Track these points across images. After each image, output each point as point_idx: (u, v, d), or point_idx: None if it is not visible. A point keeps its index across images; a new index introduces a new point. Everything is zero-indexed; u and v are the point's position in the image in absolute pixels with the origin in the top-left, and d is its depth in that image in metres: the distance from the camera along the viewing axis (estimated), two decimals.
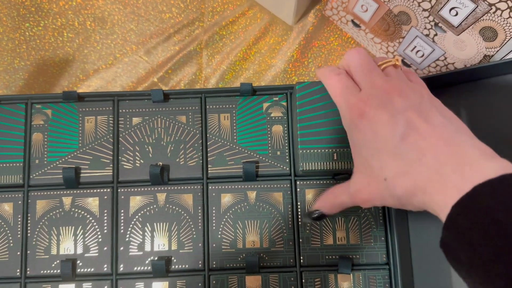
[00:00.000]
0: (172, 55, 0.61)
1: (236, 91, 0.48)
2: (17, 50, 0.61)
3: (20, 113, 0.47)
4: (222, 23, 0.62)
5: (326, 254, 0.45)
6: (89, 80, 0.60)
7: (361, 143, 0.35)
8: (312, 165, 0.42)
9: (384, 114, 0.32)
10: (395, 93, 0.33)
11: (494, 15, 0.43)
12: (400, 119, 0.32)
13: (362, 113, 0.34)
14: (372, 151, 0.33)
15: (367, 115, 0.33)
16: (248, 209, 0.46)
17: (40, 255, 0.45)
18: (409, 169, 0.31)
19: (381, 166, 0.33)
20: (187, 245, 0.45)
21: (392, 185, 0.32)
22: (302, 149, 0.42)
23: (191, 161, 0.47)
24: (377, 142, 0.33)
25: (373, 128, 0.33)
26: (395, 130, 0.32)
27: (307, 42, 0.61)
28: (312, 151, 0.42)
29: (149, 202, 0.46)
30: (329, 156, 0.42)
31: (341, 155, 0.42)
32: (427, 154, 0.30)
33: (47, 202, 0.46)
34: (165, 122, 0.47)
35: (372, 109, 0.33)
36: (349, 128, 0.36)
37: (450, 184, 0.29)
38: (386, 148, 0.32)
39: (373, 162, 0.34)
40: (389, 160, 0.32)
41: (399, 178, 0.31)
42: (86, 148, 0.47)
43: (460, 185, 0.28)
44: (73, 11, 0.62)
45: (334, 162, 0.42)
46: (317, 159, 0.42)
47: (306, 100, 0.43)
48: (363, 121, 0.33)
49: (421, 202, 0.31)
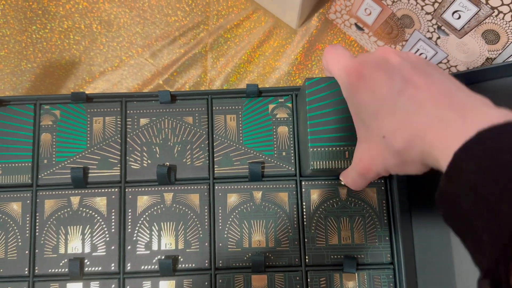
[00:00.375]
0: (177, 58, 0.62)
1: (242, 93, 0.49)
2: (24, 53, 0.62)
3: (29, 114, 0.48)
4: (227, 26, 0.62)
5: (331, 254, 0.46)
6: (95, 82, 0.61)
7: (360, 107, 0.34)
8: (323, 164, 0.41)
9: (381, 73, 0.32)
10: (391, 53, 0.33)
11: (497, 18, 0.44)
12: (397, 76, 0.32)
13: (359, 75, 0.33)
14: (371, 112, 0.33)
15: (364, 76, 0.33)
16: (254, 209, 0.46)
17: (48, 254, 0.46)
18: (407, 121, 0.30)
19: (380, 125, 0.32)
20: (193, 244, 0.46)
21: (391, 140, 0.31)
22: (312, 147, 0.41)
23: (198, 161, 0.47)
24: (375, 102, 0.32)
25: (371, 88, 0.33)
26: (392, 87, 0.31)
27: (311, 45, 0.62)
28: (323, 149, 0.41)
29: (156, 201, 0.46)
30: (340, 154, 0.41)
31: (352, 153, 0.40)
32: (426, 104, 0.30)
33: (55, 201, 0.46)
34: (172, 123, 0.48)
35: (370, 70, 0.33)
36: (348, 94, 0.35)
37: (452, 129, 0.28)
38: (384, 107, 0.32)
39: (372, 124, 0.33)
40: (387, 117, 0.31)
41: (397, 132, 0.31)
42: (94, 148, 0.47)
43: (463, 130, 0.27)
44: (79, 14, 0.63)
45: (345, 161, 0.41)
46: (328, 157, 0.41)
47: (316, 97, 0.41)
48: (361, 82, 0.33)
49: (421, 152, 0.30)
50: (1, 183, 0.46)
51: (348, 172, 0.39)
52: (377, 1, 0.52)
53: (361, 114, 0.34)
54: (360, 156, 0.36)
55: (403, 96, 0.31)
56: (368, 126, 0.34)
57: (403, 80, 0.31)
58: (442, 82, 0.31)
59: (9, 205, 0.46)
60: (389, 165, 0.33)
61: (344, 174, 0.40)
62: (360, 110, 0.34)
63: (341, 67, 0.36)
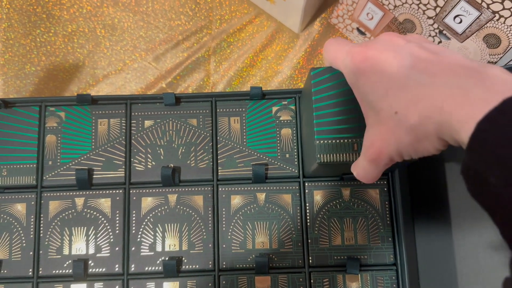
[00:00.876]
0: (180, 62, 0.62)
1: (246, 95, 0.49)
2: (28, 56, 0.62)
3: (34, 116, 0.48)
4: (229, 31, 0.63)
5: (335, 255, 0.46)
6: (98, 86, 0.61)
7: (368, 89, 0.32)
8: (330, 157, 0.38)
9: (388, 52, 0.31)
10: (394, 35, 0.32)
11: (498, 22, 0.44)
12: (405, 52, 0.30)
13: (365, 57, 0.32)
14: (380, 93, 0.31)
15: (371, 57, 0.31)
16: (257, 210, 0.47)
17: (52, 255, 0.46)
18: (421, 93, 0.28)
19: (390, 103, 0.30)
20: (197, 245, 0.46)
21: (404, 115, 0.29)
22: (319, 139, 0.38)
23: (202, 163, 0.48)
24: (384, 80, 0.30)
25: (379, 67, 0.31)
26: (401, 63, 0.30)
27: (313, 50, 0.62)
28: (330, 141, 0.38)
29: (160, 203, 0.47)
30: (348, 146, 0.38)
31: (361, 145, 0.37)
32: (441, 75, 0.28)
33: (59, 202, 0.47)
34: (177, 125, 0.48)
35: (375, 51, 0.31)
36: (354, 79, 0.33)
37: (474, 97, 0.25)
38: (394, 84, 0.30)
39: (382, 104, 0.31)
40: (398, 93, 0.30)
41: (411, 106, 0.29)
42: (99, 150, 0.47)
43: (486, 98, 0.24)
44: (83, 18, 0.63)
45: (354, 153, 0.38)
46: (336, 150, 0.38)
47: (323, 87, 0.39)
48: (367, 64, 0.32)
49: (438, 124, 0.27)
50: (6, 184, 0.46)
51: (359, 162, 0.36)
52: (379, 5, 0.52)
53: (368, 97, 0.32)
54: (371, 141, 0.33)
55: (414, 70, 0.29)
56: (377, 108, 0.32)
57: (412, 56, 0.30)
58: (453, 55, 0.29)
59: (13, 206, 0.46)
60: (403, 144, 0.31)
61: (354, 165, 0.38)
62: (367, 93, 0.32)
63: (344, 53, 0.34)
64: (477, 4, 0.44)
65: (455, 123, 0.26)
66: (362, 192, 0.47)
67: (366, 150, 0.34)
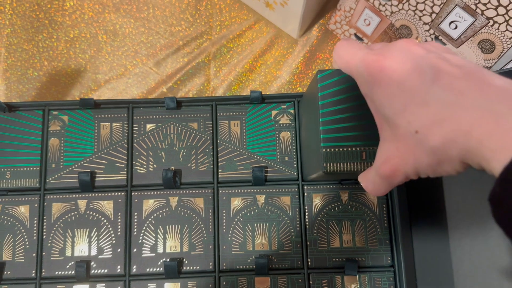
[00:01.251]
0: (181, 67, 0.63)
1: (245, 99, 0.50)
2: (31, 61, 0.63)
3: (38, 119, 0.49)
4: (229, 36, 0.64)
5: (333, 257, 0.47)
6: (100, 91, 0.62)
7: (384, 102, 0.30)
8: (337, 166, 0.36)
9: (407, 62, 0.28)
10: (411, 44, 0.30)
11: (492, 28, 0.45)
12: (425, 64, 0.28)
13: (381, 67, 0.29)
14: (397, 107, 0.29)
15: (388, 68, 0.29)
16: (257, 212, 0.48)
17: (55, 256, 0.46)
18: (445, 113, 0.26)
19: (409, 120, 0.28)
20: (198, 247, 0.47)
21: (426, 135, 0.27)
22: (325, 147, 0.36)
23: (202, 166, 0.48)
24: (403, 94, 0.28)
25: (397, 79, 0.29)
26: (422, 76, 0.27)
27: (311, 55, 0.63)
28: (337, 149, 0.36)
29: (161, 205, 0.47)
30: (356, 155, 0.36)
31: (370, 154, 0.36)
32: (468, 94, 0.26)
33: (62, 205, 0.47)
34: (178, 129, 0.49)
35: (393, 61, 0.29)
36: (369, 89, 0.31)
37: (508, 125, 0.23)
38: (414, 98, 0.28)
39: (399, 120, 0.29)
40: (419, 110, 0.27)
41: (434, 126, 0.26)
42: (101, 153, 0.48)
43: None
44: (85, 24, 0.64)
45: (362, 163, 0.37)
46: (343, 159, 0.36)
47: (329, 91, 0.37)
48: (384, 75, 0.29)
49: (464, 150, 0.25)
50: (10, 187, 0.47)
51: (369, 175, 0.34)
52: (376, 12, 0.53)
53: (384, 110, 0.30)
54: (386, 157, 0.31)
55: (437, 85, 0.27)
56: (394, 122, 0.30)
57: (434, 69, 0.27)
58: (479, 70, 0.27)
59: (17, 208, 0.47)
60: (421, 165, 0.29)
61: (363, 177, 0.35)
62: (383, 106, 0.30)
63: (358, 60, 0.31)
64: (471, 10, 0.45)
65: (486, 151, 0.24)
66: (360, 195, 0.48)
67: (380, 166, 0.32)
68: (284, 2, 0.56)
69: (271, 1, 0.59)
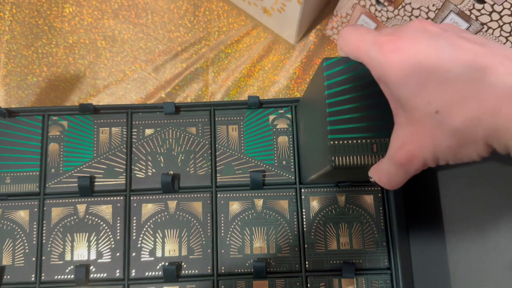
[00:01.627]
0: (179, 72, 0.64)
1: (243, 104, 0.50)
2: (30, 67, 0.63)
3: (37, 125, 0.49)
4: (227, 42, 0.65)
5: (331, 259, 0.47)
6: (99, 96, 0.62)
7: (399, 83, 0.28)
8: (345, 160, 0.34)
9: (423, 41, 0.27)
10: (427, 23, 0.28)
11: (486, 33, 0.46)
12: (444, 42, 0.26)
13: (396, 47, 0.27)
14: (414, 88, 0.27)
15: (403, 47, 0.27)
16: (255, 216, 0.48)
17: (54, 261, 0.47)
18: (469, 91, 0.24)
19: (429, 100, 0.26)
20: (196, 251, 0.47)
21: (448, 115, 0.25)
22: (333, 139, 0.34)
23: (201, 170, 0.49)
24: (420, 73, 0.26)
25: (414, 58, 0.27)
26: (442, 53, 0.26)
27: (309, 60, 0.64)
28: (346, 142, 0.34)
29: (160, 209, 0.48)
30: (367, 147, 0.34)
31: (382, 146, 0.34)
32: (495, 70, 0.24)
33: (62, 209, 0.48)
34: (176, 133, 0.50)
35: (408, 40, 0.27)
36: (382, 72, 0.29)
37: None
38: (433, 76, 0.26)
39: (416, 101, 0.27)
40: (439, 89, 0.26)
41: (457, 105, 0.25)
42: (101, 158, 0.49)
43: None
44: (84, 30, 0.65)
45: (373, 156, 0.34)
46: (352, 151, 0.34)
47: (336, 80, 0.34)
48: (400, 54, 0.27)
49: (490, 129, 0.24)
50: (10, 192, 0.47)
51: (382, 165, 0.32)
52: (372, 17, 0.54)
53: (399, 92, 0.28)
54: (401, 142, 0.29)
55: (458, 62, 0.25)
56: (410, 104, 0.28)
57: (453, 46, 0.26)
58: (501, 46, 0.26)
59: (17, 213, 0.47)
60: (442, 148, 0.27)
61: (375, 170, 0.33)
62: (398, 87, 0.28)
63: (369, 43, 0.29)
64: (466, 16, 0.46)
65: None
66: (357, 198, 0.48)
67: (395, 153, 0.30)
68: (282, 8, 0.57)
69: (269, 7, 0.59)
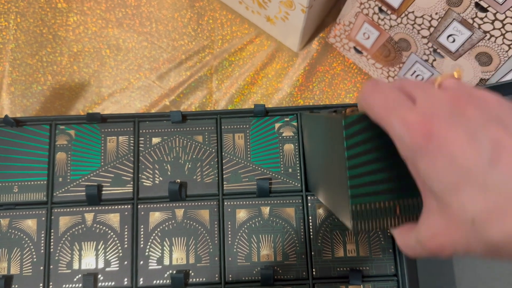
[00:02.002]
0: (183, 80, 0.64)
1: (249, 112, 0.51)
2: (35, 76, 0.64)
3: (45, 134, 0.49)
4: (231, 50, 0.65)
5: (337, 266, 0.47)
6: (103, 104, 0.63)
7: (432, 175, 0.25)
8: (368, 224, 0.31)
9: (460, 132, 0.24)
10: (464, 102, 0.25)
11: (489, 41, 0.47)
12: (483, 137, 0.23)
13: (428, 134, 0.24)
14: (447, 185, 0.24)
15: (436, 136, 0.24)
16: (262, 224, 0.48)
17: (62, 269, 0.47)
18: (508, 203, 0.22)
19: (464, 203, 0.24)
20: (204, 258, 0.47)
21: (484, 228, 0.23)
22: (355, 205, 0.31)
23: (208, 178, 0.49)
24: (455, 172, 0.24)
25: (448, 153, 0.24)
26: (479, 153, 0.23)
27: (312, 68, 0.65)
28: (368, 206, 0.31)
29: (167, 217, 0.48)
30: (390, 210, 0.31)
31: (405, 209, 0.31)
32: None
33: (69, 218, 0.48)
34: (183, 142, 0.50)
35: (442, 127, 0.24)
36: (411, 156, 0.26)
37: None
38: (469, 180, 0.23)
39: (451, 199, 0.24)
40: (476, 195, 0.23)
41: (495, 219, 0.23)
42: (108, 166, 0.49)
43: None
44: (89, 39, 0.65)
45: (396, 218, 0.31)
46: (374, 215, 0.31)
47: (356, 141, 0.31)
48: (432, 145, 0.24)
49: None
50: (17, 201, 0.48)
51: (409, 241, 0.30)
52: (375, 25, 0.55)
53: (432, 183, 0.25)
54: (433, 233, 0.27)
55: (498, 167, 0.23)
56: (445, 200, 0.25)
57: (492, 142, 0.23)
58: None
59: (24, 222, 0.48)
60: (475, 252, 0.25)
61: (401, 238, 0.31)
62: (430, 178, 0.25)
63: (396, 120, 0.26)
64: (468, 24, 0.46)
65: None
66: None
67: (427, 242, 0.28)
68: (285, 17, 0.57)
69: (272, 16, 0.60)
